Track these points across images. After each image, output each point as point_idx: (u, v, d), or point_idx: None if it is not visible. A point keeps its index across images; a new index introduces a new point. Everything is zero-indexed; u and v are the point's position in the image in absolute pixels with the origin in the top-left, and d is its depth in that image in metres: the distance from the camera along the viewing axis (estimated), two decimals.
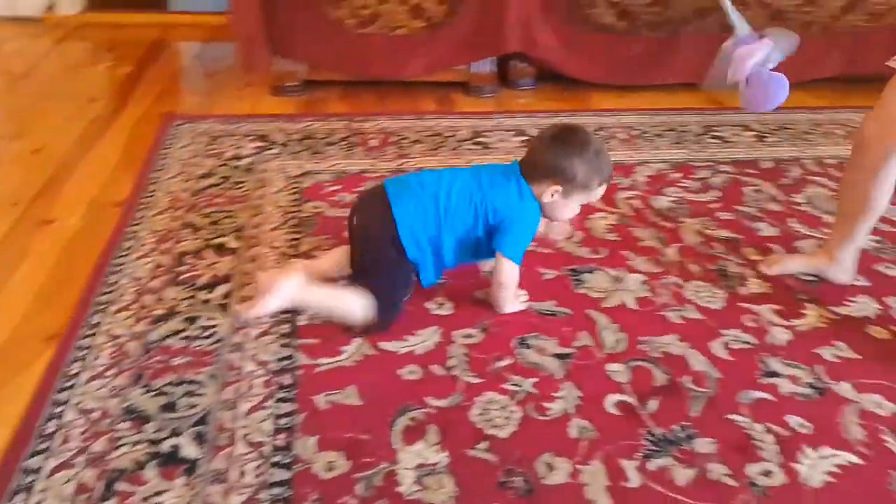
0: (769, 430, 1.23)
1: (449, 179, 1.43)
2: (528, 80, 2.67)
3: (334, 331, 1.39)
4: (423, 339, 1.39)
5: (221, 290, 1.50)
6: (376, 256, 1.41)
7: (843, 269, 1.63)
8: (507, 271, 1.42)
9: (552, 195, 1.41)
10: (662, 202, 1.94)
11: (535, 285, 1.56)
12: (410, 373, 1.31)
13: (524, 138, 2.28)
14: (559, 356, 1.37)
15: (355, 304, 1.36)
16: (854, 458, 1.20)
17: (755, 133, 2.43)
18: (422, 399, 1.25)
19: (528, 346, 1.39)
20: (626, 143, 2.30)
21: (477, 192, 1.40)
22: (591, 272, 1.63)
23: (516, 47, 2.47)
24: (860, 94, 2.84)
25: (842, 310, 1.56)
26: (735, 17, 1.58)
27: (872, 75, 2.83)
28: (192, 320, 1.41)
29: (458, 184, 1.42)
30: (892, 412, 1.30)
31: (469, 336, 1.40)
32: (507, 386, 1.29)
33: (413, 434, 1.18)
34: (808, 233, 1.85)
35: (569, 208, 1.46)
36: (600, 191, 1.46)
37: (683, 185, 2.04)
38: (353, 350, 1.35)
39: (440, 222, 1.39)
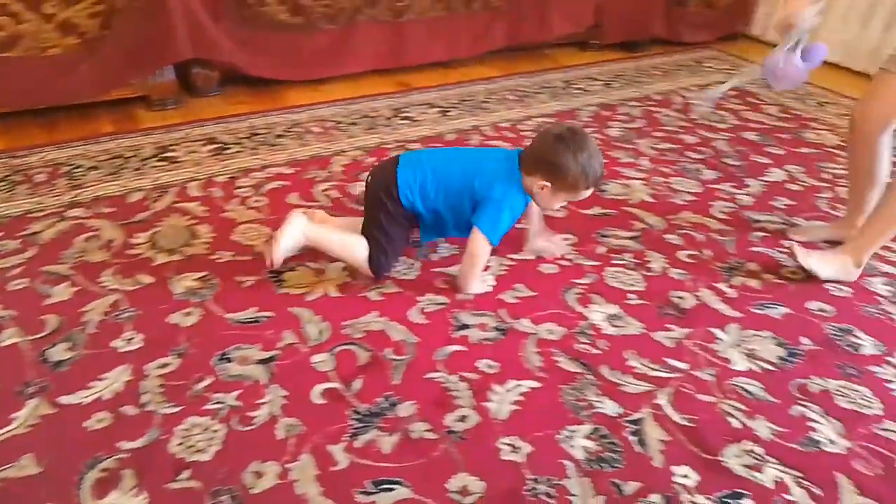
0: (462, 379, 1.35)
1: (452, 158, 1.60)
2: (214, 86, 2.58)
3: (2, 397, 1.23)
4: (111, 382, 1.28)
5: None
6: (376, 209, 1.57)
7: (861, 268, 1.79)
8: (477, 244, 1.52)
9: (541, 188, 1.51)
10: (357, 188, 2.00)
11: (234, 294, 1.52)
12: (99, 421, 1.20)
13: (216, 146, 2.20)
14: (263, 361, 1.35)
15: (359, 247, 1.56)
16: (534, 384, 1.35)
17: (440, 109, 2.61)
18: (113, 446, 1.16)
19: (229, 360, 1.35)
20: (321, 135, 2.33)
21: (471, 170, 1.53)
22: (292, 270, 1.63)
23: (191, 54, 2.37)
24: (524, 61, 3.21)
25: (518, 256, 1.75)
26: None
27: (530, 44, 3.24)
28: None
29: (458, 162, 1.57)
30: (561, 335, 1.49)
31: (164, 365, 1.33)
32: (208, 406, 1.25)
33: (105, 485, 1.09)
34: None
35: (555, 201, 1.56)
36: (587, 192, 1.52)
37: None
38: (26, 414, 1.20)
39: (437, 193, 1.53)
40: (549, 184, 1.50)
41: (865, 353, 1.53)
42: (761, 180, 2.24)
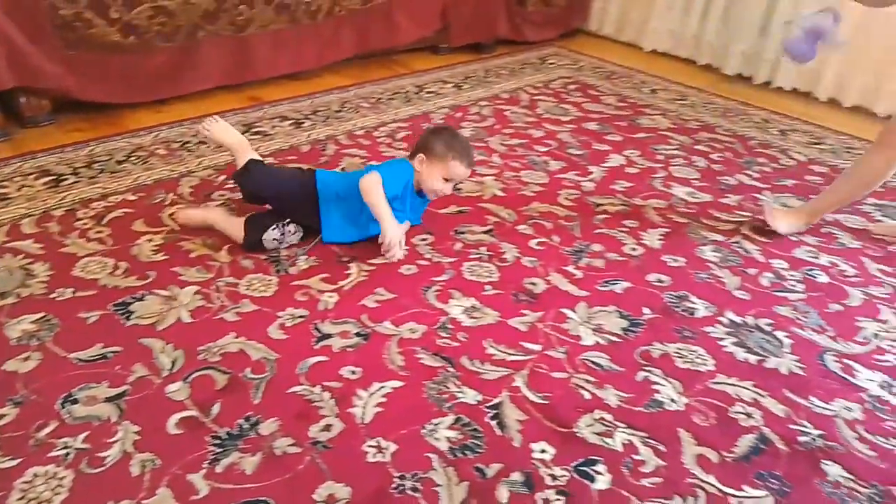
0: (326, 389, 1.35)
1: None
2: (45, 115, 2.42)
3: None
4: None
5: None
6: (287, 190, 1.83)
7: (807, 227, 2.07)
8: (364, 180, 1.73)
9: (421, 164, 1.80)
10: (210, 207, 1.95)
11: (77, 332, 1.44)
12: None
13: (51, 178, 2.07)
14: (112, 398, 1.29)
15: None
16: (397, 383, 1.38)
17: (293, 121, 2.58)
18: None
19: (75, 402, 1.28)
20: (167, 157, 2.24)
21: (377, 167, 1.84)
22: (141, 300, 1.56)
23: (12, 83, 2.21)
24: (377, 68, 3.24)
25: (377, 260, 1.77)
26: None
27: (380, 51, 3.27)
28: None
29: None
30: (422, 333, 1.53)
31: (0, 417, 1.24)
32: (53, 453, 1.17)
33: None
34: None
35: (434, 174, 1.80)
36: (457, 168, 1.81)
37: (229, 185, 2.08)
38: None
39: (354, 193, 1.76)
40: (423, 156, 1.81)
41: (699, 315, 1.68)
42: (602, 166, 2.40)
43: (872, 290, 1.84)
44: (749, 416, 1.39)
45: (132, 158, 2.21)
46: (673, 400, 1.41)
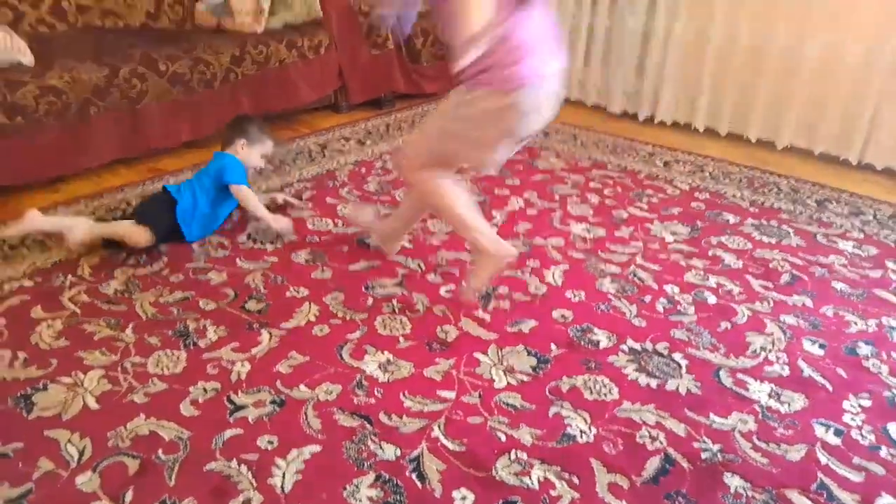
0: (242, 462, 1.34)
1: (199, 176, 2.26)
2: None
3: None
4: None
5: None
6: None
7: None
8: (241, 191, 2.21)
9: (242, 148, 2.33)
10: (111, 286, 1.91)
11: None
12: None
13: None
14: (14, 500, 1.24)
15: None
16: (315, 447, 1.39)
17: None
18: None
19: None
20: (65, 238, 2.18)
21: (208, 170, 2.27)
22: (43, 390, 1.51)
23: None
24: (280, 128, 3.25)
25: (289, 323, 1.78)
26: None
27: (280, 112, 3.31)
28: None
29: (202, 174, 2.26)
30: (338, 393, 1.54)
31: None
32: None
33: None
34: (251, 266, 2.05)
35: (254, 156, 2.36)
36: (269, 144, 2.42)
37: (130, 262, 2.04)
38: None
39: (200, 192, 2.19)
40: (245, 141, 2.33)
41: (602, 346, 1.77)
42: (504, 210, 2.50)
43: (757, 306, 1.99)
44: (654, 438, 1.47)
45: (27, 242, 2.14)
46: (583, 431, 1.48)
